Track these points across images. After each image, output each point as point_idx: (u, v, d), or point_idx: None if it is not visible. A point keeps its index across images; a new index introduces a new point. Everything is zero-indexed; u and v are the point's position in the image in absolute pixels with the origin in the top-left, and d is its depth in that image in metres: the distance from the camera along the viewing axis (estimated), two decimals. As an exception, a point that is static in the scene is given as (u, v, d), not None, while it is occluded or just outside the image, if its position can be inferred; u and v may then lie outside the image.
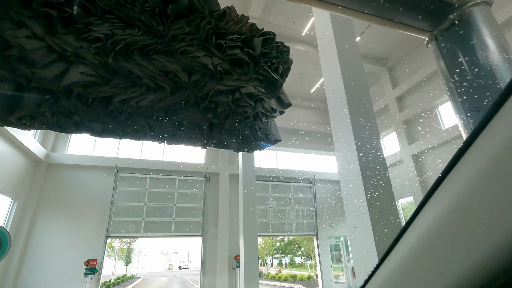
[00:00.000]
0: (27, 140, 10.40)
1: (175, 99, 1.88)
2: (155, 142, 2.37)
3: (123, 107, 1.85)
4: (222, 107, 1.97)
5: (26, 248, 10.77)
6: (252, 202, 9.64)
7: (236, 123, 2.11)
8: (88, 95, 1.74)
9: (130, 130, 2.07)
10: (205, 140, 2.25)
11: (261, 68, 2.02)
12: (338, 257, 16.07)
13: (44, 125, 1.93)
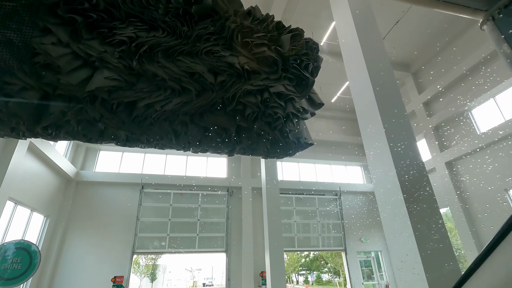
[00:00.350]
0: (58, 159, 10.86)
1: (200, 102, 1.78)
2: (180, 150, 2.27)
3: (147, 112, 1.77)
4: (250, 109, 1.84)
5: (57, 264, 11.03)
6: (277, 216, 9.34)
7: (265, 126, 1.96)
8: (112, 101, 1.68)
9: (155, 137, 1.98)
10: (232, 145, 2.12)
11: (291, 66, 1.89)
12: (369, 273, 15.13)
13: (70, 135, 1.89)
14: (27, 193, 9.52)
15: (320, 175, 16.34)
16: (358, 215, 15.36)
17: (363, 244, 14.82)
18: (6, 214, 8.76)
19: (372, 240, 14.96)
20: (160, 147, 2.20)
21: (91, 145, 13.50)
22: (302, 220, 14.49)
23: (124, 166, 13.80)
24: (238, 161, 15.06)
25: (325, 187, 15.49)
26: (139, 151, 14.10)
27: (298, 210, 14.67)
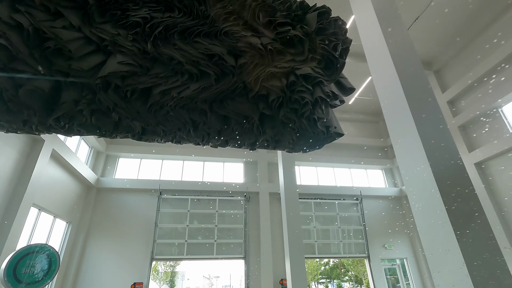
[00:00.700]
0: (80, 166, 11.10)
1: (220, 87, 1.63)
2: (198, 143, 2.12)
3: (163, 99, 1.64)
4: (274, 94, 1.67)
5: (79, 269, 11.18)
6: (296, 222, 9.03)
7: (291, 114, 1.78)
8: (126, 88, 1.56)
9: (172, 128, 1.84)
10: (255, 137, 1.95)
11: (318, 46, 1.70)
12: (394, 282, 14.38)
13: (83, 127, 1.78)
14: (50, 200, 9.74)
15: (339, 179, 15.86)
16: (380, 220, 14.72)
17: (387, 251, 14.13)
18: (31, 220, 8.97)
19: (397, 247, 14.25)
20: (178, 141, 2.06)
21: (111, 152, 13.77)
22: (322, 226, 14.04)
23: (142, 173, 13.96)
24: (254, 166, 14.89)
25: (345, 191, 14.99)
26: (157, 157, 14.23)
27: (318, 215, 14.24)
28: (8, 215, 7.56)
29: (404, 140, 3.67)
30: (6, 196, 7.64)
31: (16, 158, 7.99)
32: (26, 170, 8.23)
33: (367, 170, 16.48)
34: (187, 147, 14.46)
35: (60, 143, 9.76)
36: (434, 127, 3.51)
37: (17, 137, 7.99)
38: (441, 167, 3.16)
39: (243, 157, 14.75)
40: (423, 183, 3.21)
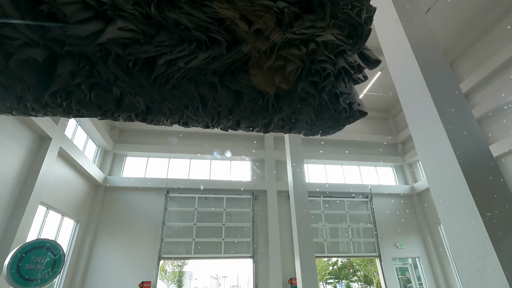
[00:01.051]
0: (87, 164, 11.09)
1: (232, 57, 1.46)
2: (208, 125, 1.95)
3: (169, 71, 1.47)
4: (292, 65, 1.49)
5: (88, 267, 11.16)
6: (306, 220, 8.81)
7: (310, 88, 1.59)
8: (128, 57, 1.40)
9: (178, 106, 1.68)
10: (269, 115, 1.77)
11: (341, 11, 1.51)
12: (406, 282, 14.02)
13: (82, 105, 1.63)
14: (58, 198, 9.73)
15: (348, 177, 15.56)
16: (391, 218, 14.37)
17: (399, 250, 13.79)
18: (39, 218, 8.96)
19: (409, 245, 13.89)
20: (185, 122, 1.89)
21: (118, 151, 13.76)
22: (331, 224, 13.78)
23: (149, 171, 13.92)
24: (262, 164, 14.71)
25: (355, 189, 14.69)
26: (164, 155, 14.17)
27: (327, 213, 13.98)
28: (16, 212, 7.54)
29: (425, 130, 3.44)
30: (14, 194, 7.62)
31: (24, 156, 7.97)
32: (34, 168, 8.21)
33: (376, 168, 16.15)
34: (194, 144, 14.37)
35: (68, 141, 9.74)
36: (457, 114, 3.27)
37: (25, 135, 7.98)
38: (468, 157, 2.93)
39: (250, 155, 14.59)
40: (448, 176, 2.98)
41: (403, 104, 3.87)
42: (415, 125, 3.60)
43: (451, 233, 2.98)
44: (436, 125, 3.19)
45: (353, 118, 1.83)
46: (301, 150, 10.12)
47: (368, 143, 16.33)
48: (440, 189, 3.12)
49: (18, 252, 3.44)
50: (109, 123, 13.71)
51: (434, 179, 3.22)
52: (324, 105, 1.71)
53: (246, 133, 14.87)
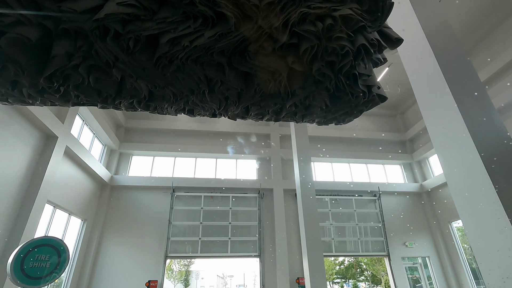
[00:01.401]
0: (94, 163, 11.10)
1: (241, 34, 1.32)
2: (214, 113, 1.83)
3: (173, 51, 1.35)
4: (307, 42, 1.35)
5: (95, 266, 11.18)
6: (314, 219, 8.65)
7: (326, 69, 1.46)
8: (128, 35, 1.28)
9: (183, 91, 1.56)
10: (281, 101, 1.63)
11: (359, -17, 1.38)
12: (415, 281, 13.74)
13: (81, 90, 1.52)
14: (65, 197, 9.74)
15: (356, 175, 15.33)
16: (400, 217, 14.11)
17: (408, 249, 13.52)
18: (46, 216, 8.98)
19: (419, 245, 13.62)
20: (190, 109, 1.78)
21: (124, 150, 13.76)
22: (338, 223, 13.58)
23: (155, 170, 13.90)
24: (268, 162, 14.58)
25: (362, 187, 14.46)
26: (170, 154, 14.14)
27: (334, 212, 13.79)
28: (23, 211, 7.55)
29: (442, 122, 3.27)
30: (21, 192, 7.63)
31: (30, 155, 7.97)
32: (40, 166, 8.21)
33: (384, 166, 15.88)
34: (200, 143, 14.30)
35: (74, 140, 9.74)
36: (477, 104, 3.10)
37: (31, 134, 7.98)
38: (490, 148, 2.76)
39: (256, 153, 14.47)
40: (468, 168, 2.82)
41: (418, 96, 3.70)
42: (431, 117, 3.43)
43: (471, 228, 2.82)
44: (454, 115, 3.02)
45: (372, 103, 1.69)
46: (308, 147, 9.96)
47: (376, 141, 16.06)
48: (459, 182, 2.95)
49: (21, 251, 3.37)
50: (114, 122, 13.72)
51: (452, 172, 3.05)
52: (340, 89, 1.57)
53: (253, 131, 14.72)
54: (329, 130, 15.91)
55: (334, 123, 1.90)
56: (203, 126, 14.84)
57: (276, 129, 15.30)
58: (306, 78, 1.52)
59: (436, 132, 3.33)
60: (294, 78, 1.51)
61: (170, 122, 14.79)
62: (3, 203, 7.08)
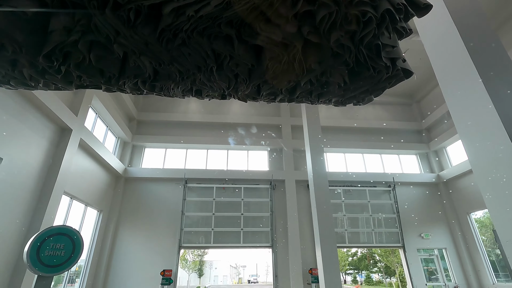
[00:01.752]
0: (108, 156, 11.27)
1: (251, 2, 1.20)
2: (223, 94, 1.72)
3: (177, 22, 1.24)
4: (325, 9, 1.21)
5: (111, 255, 11.48)
6: (327, 210, 8.52)
7: (346, 39, 1.32)
8: (128, 6, 1.17)
9: (189, 68, 1.45)
10: (295, 77, 1.51)
11: None
12: (430, 273, 13.45)
13: (82, 70, 1.44)
14: (81, 188, 9.96)
15: (370, 166, 15.01)
16: (416, 208, 13.78)
17: (424, 241, 13.23)
18: (64, 207, 9.22)
19: (435, 236, 13.29)
20: (198, 91, 1.67)
21: (137, 142, 13.93)
22: (351, 214, 13.39)
23: (168, 162, 14.03)
24: (279, 153, 14.46)
25: (376, 178, 14.16)
26: (182, 146, 14.21)
27: (347, 203, 13.59)
28: (41, 202, 7.75)
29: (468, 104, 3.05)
30: (38, 184, 7.83)
31: (46, 147, 8.14)
32: (56, 158, 8.38)
33: (399, 156, 15.46)
34: (211, 135, 14.29)
35: (88, 132, 9.89)
36: (506, 85, 2.86)
37: (46, 126, 8.13)
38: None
39: (267, 145, 14.36)
40: (497, 152, 2.62)
41: (439, 77, 3.47)
42: (455, 99, 3.21)
43: (499, 216, 2.64)
44: (481, 97, 2.80)
45: (396, 79, 1.53)
46: (320, 138, 9.76)
47: (391, 130, 15.63)
48: (486, 167, 2.75)
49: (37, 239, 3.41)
50: (127, 115, 13.86)
51: (478, 156, 2.85)
52: (361, 62, 1.42)
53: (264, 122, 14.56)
54: (342, 120, 15.59)
55: (352, 103, 1.75)
56: (214, 118, 14.81)
57: (287, 119, 15.11)
58: (323, 51, 1.38)
59: (460, 114, 3.11)
60: (310, 51, 1.38)
61: (181, 114, 14.83)
62: (22, 194, 7.28)
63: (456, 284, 12.36)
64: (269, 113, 15.54)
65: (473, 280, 12.24)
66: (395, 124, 15.69)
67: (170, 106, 15.18)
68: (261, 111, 15.57)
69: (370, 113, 16.20)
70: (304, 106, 10.23)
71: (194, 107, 15.37)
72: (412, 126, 15.82)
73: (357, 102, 1.73)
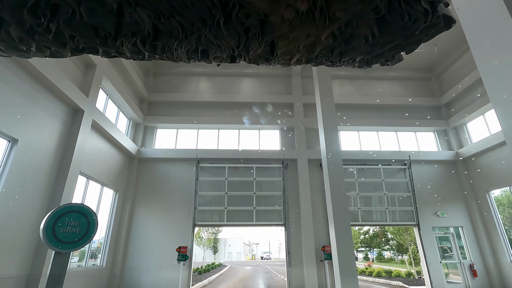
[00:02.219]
0: (120, 137, 11.38)
1: None
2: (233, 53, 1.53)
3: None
4: None
5: (129, 235, 11.89)
6: (341, 189, 8.38)
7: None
8: None
9: (193, 21, 1.27)
10: (315, 31, 1.30)
11: None
12: (444, 251, 13.34)
13: (75, 29, 1.28)
14: (96, 169, 10.16)
15: (384, 143, 14.62)
16: (432, 186, 13.46)
17: (440, 219, 13.02)
18: (81, 187, 9.46)
19: (452, 214, 13.04)
20: (204, 51, 1.49)
21: (149, 123, 13.98)
22: (365, 193, 13.24)
23: (180, 143, 14.08)
24: (291, 132, 14.23)
25: (391, 156, 13.82)
26: (193, 126, 14.18)
27: (360, 182, 13.41)
28: (58, 182, 7.95)
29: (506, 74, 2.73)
30: (55, 165, 7.99)
31: (60, 129, 8.23)
32: (70, 140, 8.49)
33: (416, 133, 14.95)
34: (222, 114, 14.15)
35: (100, 114, 9.93)
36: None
37: (58, 108, 8.17)
38: None
39: (280, 124, 14.13)
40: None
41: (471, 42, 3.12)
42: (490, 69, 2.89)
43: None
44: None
45: (434, 30, 1.30)
46: (334, 114, 9.45)
47: (407, 107, 15.04)
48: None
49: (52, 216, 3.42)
50: (137, 96, 13.83)
51: None
52: (395, 9, 1.20)
53: (275, 101, 14.23)
54: (356, 97, 15.07)
55: (380, 63, 1.53)
56: (225, 97, 14.60)
57: (299, 97, 14.73)
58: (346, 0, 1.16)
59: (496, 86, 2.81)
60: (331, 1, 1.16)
61: (191, 94, 14.69)
62: (40, 175, 7.46)
63: (471, 261, 12.23)
64: (280, 91, 15.18)
65: (489, 257, 12.06)
66: (412, 100, 15.05)
67: (180, 86, 15.03)
68: (273, 90, 15.22)
69: (386, 89, 15.57)
70: (317, 81, 9.85)
71: (205, 86, 15.16)
72: (431, 102, 15.14)
73: (385, 61, 1.50)
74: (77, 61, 9.29)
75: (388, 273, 19.44)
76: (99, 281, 10.29)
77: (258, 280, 18.39)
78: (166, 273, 11.30)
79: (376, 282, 18.07)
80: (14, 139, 6.65)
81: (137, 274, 11.29)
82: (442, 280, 11.90)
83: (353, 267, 7.54)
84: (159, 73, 15.26)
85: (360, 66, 1.59)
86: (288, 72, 15.42)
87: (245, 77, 15.50)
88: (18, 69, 6.72)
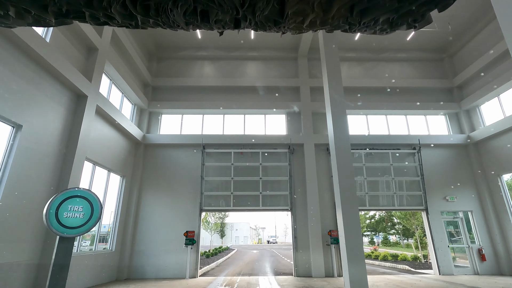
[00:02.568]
0: (126, 122, 11.30)
1: None
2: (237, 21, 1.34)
3: None
4: None
5: (137, 220, 12.03)
6: (349, 174, 8.21)
7: None
8: None
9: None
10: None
11: None
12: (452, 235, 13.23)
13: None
14: (102, 155, 10.15)
15: (393, 127, 14.28)
16: (442, 170, 13.21)
17: (449, 204, 12.84)
18: (87, 173, 9.49)
19: (461, 199, 12.83)
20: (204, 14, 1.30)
21: (154, 109, 13.85)
22: (372, 178, 13.06)
23: (185, 128, 13.97)
24: (298, 117, 13.97)
25: (400, 140, 13.51)
26: (198, 112, 14.01)
27: (368, 166, 13.20)
28: (65, 168, 7.95)
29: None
30: (61, 150, 7.97)
31: (64, 114, 8.15)
32: (75, 125, 8.43)
33: (426, 116, 14.54)
34: (227, 99, 13.91)
35: (104, 99, 9.81)
36: None
37: (62, 93, 8.06)
38: None
39: (285, 108, 13.86)
40: None
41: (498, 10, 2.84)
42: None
43: None
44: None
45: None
46: (342, 98, 9.15)
47: (417, 89, 14.57)
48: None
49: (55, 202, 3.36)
50: (141, 81, 13.64)
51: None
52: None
53: (282, 85, 13.91)
54: (364, 80, 14.62)
55: (406, 24, 1.33)
56: (230, 82, 14.31)
57: (306, 80, 14.35)
58: None
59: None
60: None
61: (196, 79, 14.43)
62: (47, 161, 7.45)
63: (480, 246, 12.11)
64: (286, 75, 14.81)
65: (499, 242, 11.92)
66: (423, 82, 14.56)
67: (184, 70, 14.76)
68: (278, 73, 14.85)
69: (396, 70, 15.05)
70: (325, 63, 9.49)
71: (209, 70, 14.86)
72: (442, 84, 14.62)
73: (413, 22, 1.30)
74: (78, 44, 9.09)
75: (394, 257, 19.53)
76: (110, 264, 10.50)
77: (264, 264, 18.68)
78: (174, 257, 11.48)
79: (382, 266, 18.19)
80: (18, 125, 6.59)
81: (145, 257, 11.49)
82: (449, 264, 11.86)
83: (361, 252, 7.47)
84: (163, 57, 14.98)
85: (382, 30, 1.39)
86: (294, 54, 14.97)
87: (250, 60, 15.12)
88: (20, 54, 6.57)
